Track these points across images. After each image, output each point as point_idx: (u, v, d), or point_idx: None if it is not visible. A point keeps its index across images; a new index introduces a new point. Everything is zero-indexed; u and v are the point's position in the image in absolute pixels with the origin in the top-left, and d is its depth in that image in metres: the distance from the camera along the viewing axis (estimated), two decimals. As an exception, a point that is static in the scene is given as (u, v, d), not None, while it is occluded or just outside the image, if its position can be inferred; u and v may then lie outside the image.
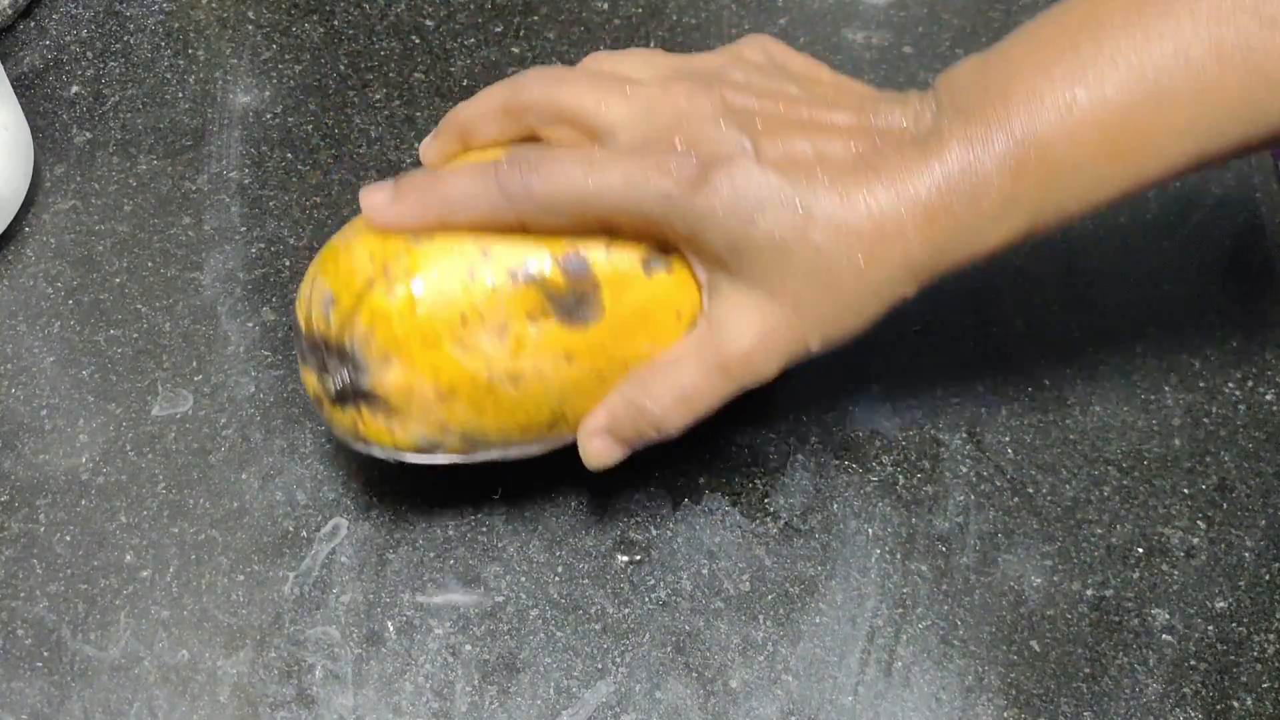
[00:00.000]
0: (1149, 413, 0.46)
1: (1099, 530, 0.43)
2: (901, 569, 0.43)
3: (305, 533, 0.43)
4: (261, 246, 0.50)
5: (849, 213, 0.36)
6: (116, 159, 0.52)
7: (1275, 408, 0.46)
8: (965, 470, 0.45)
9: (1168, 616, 0.42)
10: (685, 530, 0.43)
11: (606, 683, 0.41)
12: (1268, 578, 0.43)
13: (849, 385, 0.46)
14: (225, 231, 0.50)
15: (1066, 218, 0.37)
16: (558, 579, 0.43)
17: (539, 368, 0.37)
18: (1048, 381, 0.47)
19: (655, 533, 0.43)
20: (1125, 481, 0.44)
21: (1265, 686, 0.41)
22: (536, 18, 0.56)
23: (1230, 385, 0.46)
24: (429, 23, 0.56)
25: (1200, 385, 0.46)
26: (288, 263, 0.49)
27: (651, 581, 0.43)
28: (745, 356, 0.37)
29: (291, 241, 0.50)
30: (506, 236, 0.37)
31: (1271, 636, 0.41)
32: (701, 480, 0.44)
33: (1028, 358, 0.47)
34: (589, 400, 0.38)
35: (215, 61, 0.55)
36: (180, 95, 0.54)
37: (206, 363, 0.47)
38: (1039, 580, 0.42)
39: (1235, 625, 0.42)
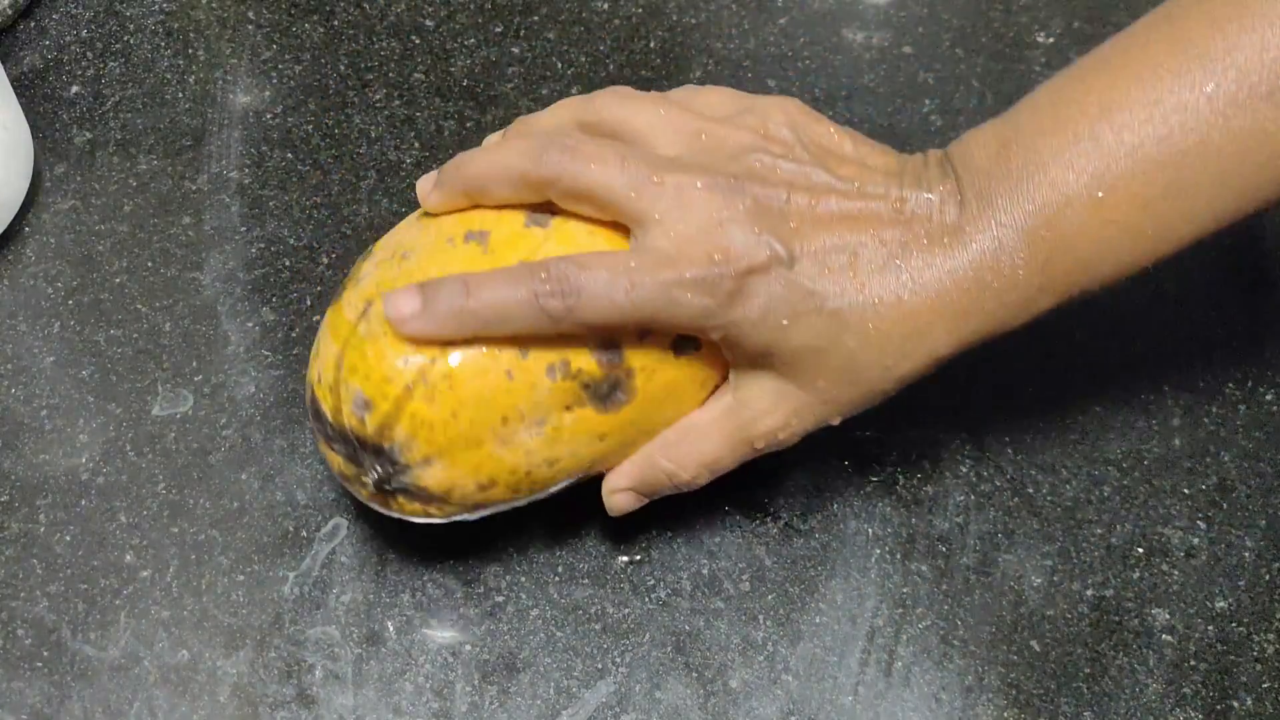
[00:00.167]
0: (1149, 413, 0.46)
1: (1099, 530, 0.43)
2: (901, 569, 0.43)
3: (305, 533, 0.43)
4: (261, 246, 0.50)
5: (882, 318, 0.37)
6: (116, 159, 0.52)
7: (1275, 408, 0.46)
8: (965, 470, 0.45)
9: (1168, 616, 0.42)
10: (685, 530, 0.43)
11: (606, 683, 0.41)
12: (1268, 578, 0.42)
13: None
14: (225, 231, 0.50)
15: (1090, 294, 0.38)
16: (558, 579, 0.43)
17: (573, 449, 0.38)
18: (1048, 382, 0.46)
19: (655, 533, 0.43)
20: (1125, 481, 0.44)
21: (1265, 686, 0.41)
22: (536, 18, 0.56)
23: (1230, 385, 0.46)
24: (429, 23, 0.56)
25: (1200, 385, 0.46)
26: (288, 263, 0.49)
27: (651, 581, 0.43)
28: (770, 433, 0.39)
29: (291, 241, 0.50)
30: (541, 337, 0.37)
31: (1271, 636, 0.41)
32: (701, 480, 0.44)
33: (1028, 358, 0.47)
34: (615, 462, 0.40)
35: (215, 61, 0.55)
36: (180, 95, 0.54)
37: (206, 363, 0.47)
38: (1039, 580, 0.42)
39: (1235, 625, 0.42)
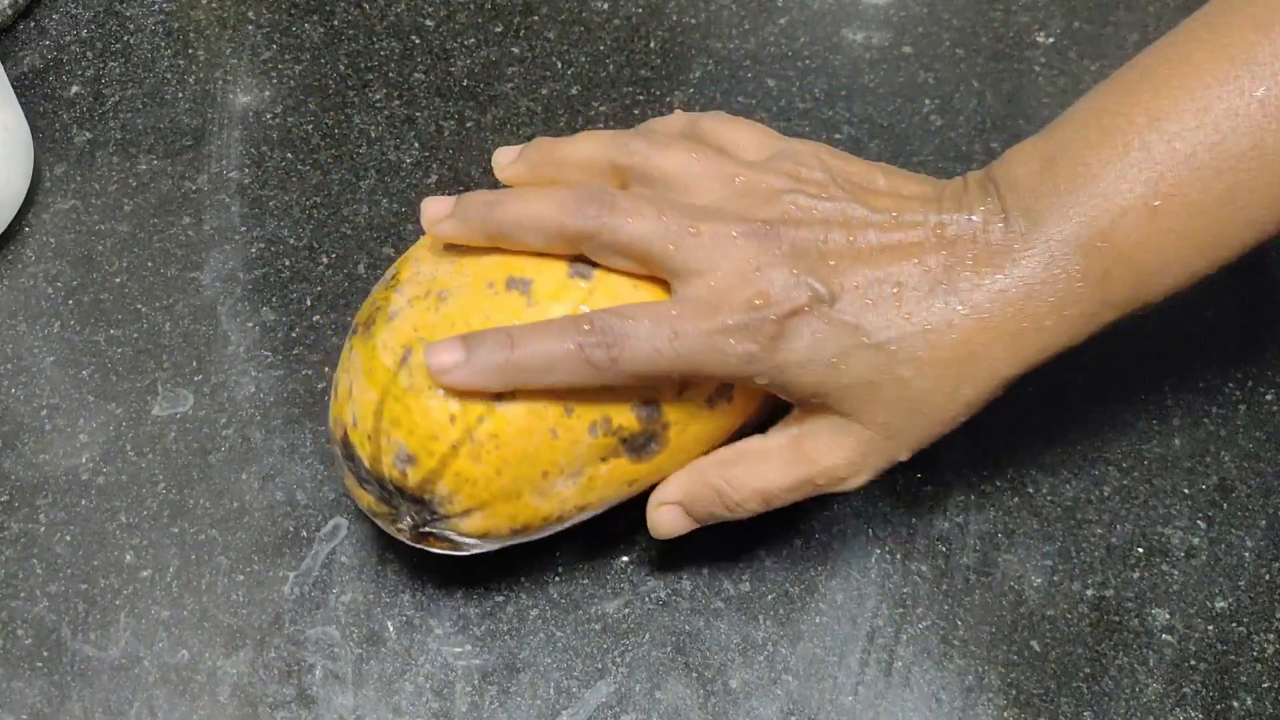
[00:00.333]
0: (1149, 413, 0.46)
1: (1099, 530, 0.43)
2: (901, 569, 0.43)
3: (305, 533, 0.43)
4: (261, 246, 0.50)
5: (934, 345, 0.36)
6: (116, 159, 0.52)
7: (1275, 408, 0.46)
8: (965, 470, 0.45)
9: (1168, 616, 0.42)
10: (685, 530, 0.43)
11: (606, 683, 0.41)
12: (1268, 578, 0.42)
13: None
14: (225, 231, 0.50)
15: (1152, 306, 0.37)
16: (558, 579, 0.43)
17: (604, 495, 0.39)
18: (1048, 381, 0.46)
19: (655, 533, 0.43)
20: (1125, 481, 0.44)
21: (1265, 686, 0.41)
22: (536, 18, 0.56)
23: (1230, 385, 0.46)
24: (429, 23, 0.56)
25: (1200, 385, 0.46)
26: (288, 263, 0.49)
27: (651, 581, 0.42)
28: (832, 472, 0.38)
29: (291, 241, 0.50)
30: (586, 389, 0.37)
31: (1271, 636, 0.41)
32: (701, 480, 0.44)
33: (1028, 358, 0.47)
34: (640, 498, 0.40)
35: (215, 61, 0.55)
36: (180, 95, 0.54)
37: (206, 363, 0.47)
38: (1039, 580, 0.42)
39: (1235, 625, 0.42)
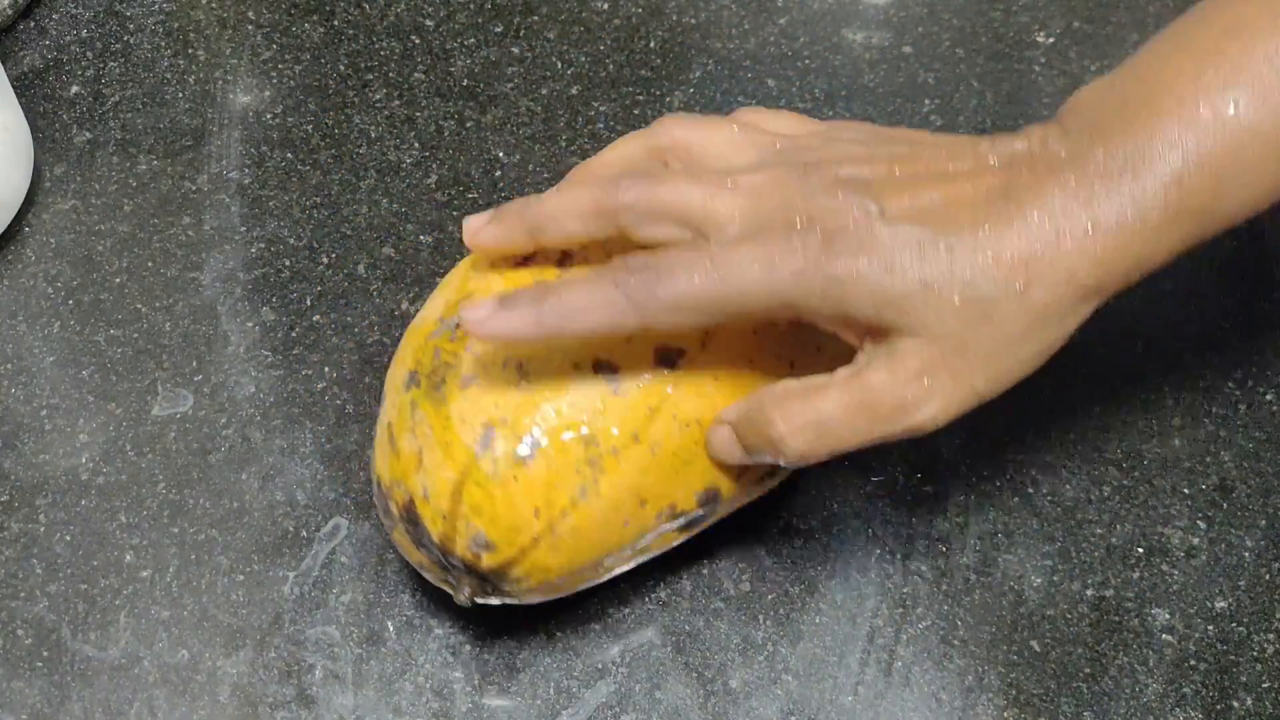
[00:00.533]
0: (1149, 413, 0.46)
1: (1099, 530, 0.43)
2: (901, 569, 0.43)
3: (305, 533, 0.43)
4: (261, 246, 0.50)
5: (994, 240, 0.34)
6: (116, 159, 0.52)
7: (1275, 408, 0.46)
8: (965, 470, 0.45)
9: (1168, 616, 0.42)
10: (685, 530, 0.43)
11: (606, 683, 0.41)
12: (1268, 578, 0.43)
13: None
14: (225, 231, 0.50)
15: (1235, 221, 0.35)
16: (558, 579, 0.43)
17: (649, 555, 0.39)
18: (1048, 382, 0.46)
19: (655, 533, 0.43)
20: (1125, 481, 0.44)
21: (1265, 686, 0.41)
22: (536, 18, 0.56)
23: (1230, 385, 0.46)
24: (429, 23, 0.56)
25: (1200, 385, 0.46)
26: (288, 263, 0.49)
27: (651, 581, 0.42)
28: (895, 396, 0.34)
29: (291, 241, 0.50)
30: (661, 481, 0.37)
31: (1271, 636, 0.41)
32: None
33: (1028, 358, 0.47)
34: None
35: (215, 61, 0.55)
36: (180, 95, 0.54)
37: (206, 363, 0.47)
38: (1039, 580, 0.42)
39: (1235, 625, 0.42)
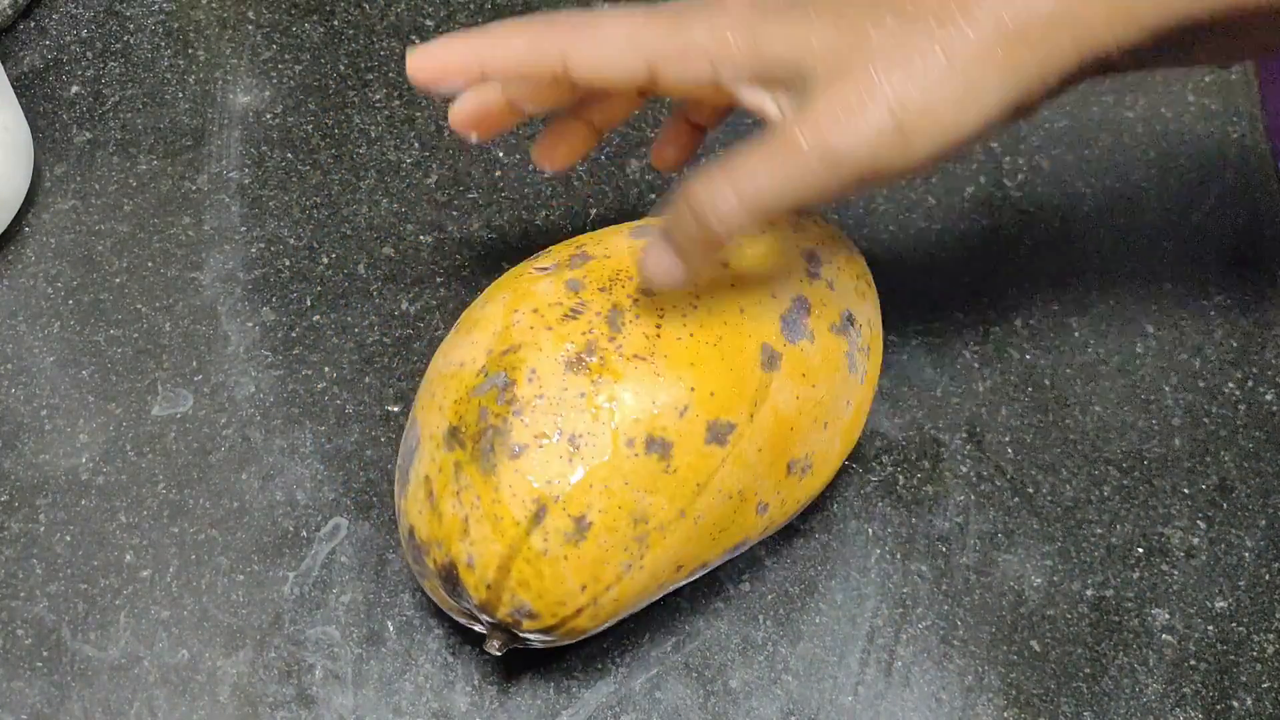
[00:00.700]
0: (1149, 413, 0.46)
1: (1099, 530, 0.43)
2: (901, 569, 0.43)
3: (305, 533, 0.43)
4: (261, 246, 0.50)
5: None
6: (116, 159, 0.52)
7: (1275, 408, 0.46)
8: (965, 470, 0.45)
9: (1168, 616, 0.42)
10: (685, 530, 0.43)
11: (606, 683, 0.41)
12: (1268, 578, 0.42)
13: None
14: (225, 231, 0.50)
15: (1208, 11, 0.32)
16: (558, 579, 0.43)
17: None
18: (1048, 381, 0.46)
19: (655, 533, 0.43)
20: (1125, 481, 0.44)
21: (1265, 686, 0.41)
22: (536, 18, 0.56)
23: (1230, 385, 0.46)
24: (429, 23, 0.56)
25: (1200, 385, 0.46)
26: (288, 263, 0.49)
27: (651, 581, 0.43)
28: (831, 118, 0.31)
29: (291, 241, 0.50)
30: (699, 549, 0.37)
31: (1271, 636, 0.41)
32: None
33: (1028, 358, 0.47)
34: None
35: (215, 61, 0.55)
36: (180, 95, 0.54)
37: (206, 363, 0.47)
38: (1039, 580, 0.42)
39: (1235, 625, 0.42)
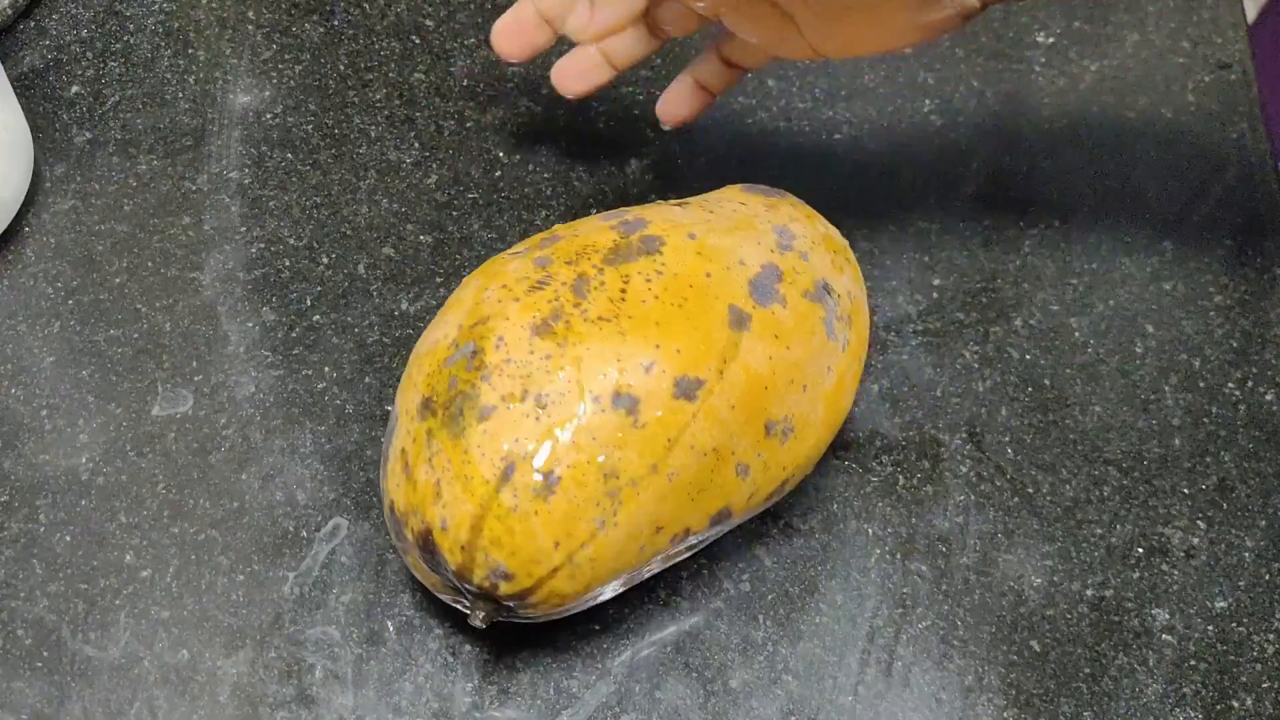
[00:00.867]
0: (1149, 413, 0.46)
1: (1099, 530, 0.43)
2: (901, 569, 0.43)
3: (305, 533, 0.43)
4: (261, 246, 0.50)
5: None
6: (116, 159, 0.52)
7: (1275, 408, 0.46)
8: (965, 470, 0.45)
9: (1168, 616, 0.42)
10: (685, 530, 0.43)
11: (606, 683, 0.41)
12: (1268, 578, 0.43)
13: (849, 385, 0.46)
14: (225, 231, 0.50)
15: None
16: (558, 579, 0.43)
17: (656, 568, 0.39)
18: (1048, 381, 0.46)
19: (655, 533, 0.43)
20: (1125, 481, 0.44)
21: (1265, 686, 0.41)
22: (536, 18, 0.56)
23: (1230, 385, 0.46)
24: (429, 23, 0.56)
25: (1200, 385, 0.46)
26: (288, 263, 0.49)
27: (652, 581, 0.42)
28: None
29: (291, 241, 0.50)
30: (676, 508, 0.37)
31: (1271, 636, 0.41)
32: (701, 480, 0.44)
33: (1028, 358, 0.47)
34: None
35: (215, 61, 0.55)
36: (180, 95, 0.54)
37: (206, 363, 0.47)
38: (1039, 580, 0.42)
39: (1235, 625, 0.42)
